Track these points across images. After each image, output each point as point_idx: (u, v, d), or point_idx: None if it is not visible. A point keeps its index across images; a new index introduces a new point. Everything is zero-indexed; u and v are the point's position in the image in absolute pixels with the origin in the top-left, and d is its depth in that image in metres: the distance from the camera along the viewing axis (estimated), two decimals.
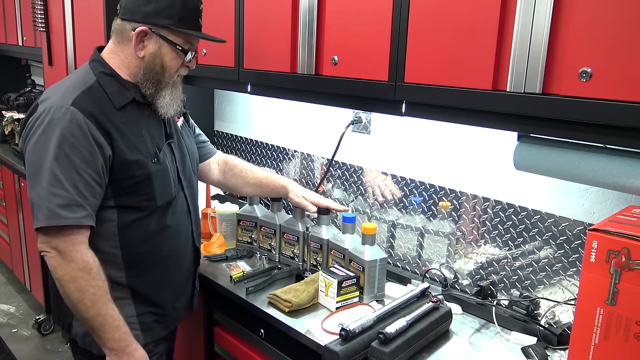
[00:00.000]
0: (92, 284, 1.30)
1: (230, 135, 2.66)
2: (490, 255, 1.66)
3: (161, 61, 1.41)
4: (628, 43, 1.00)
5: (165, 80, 1.43)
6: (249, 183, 1.83)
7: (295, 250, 1.85)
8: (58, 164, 1.26)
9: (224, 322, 1.75)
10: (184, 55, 1.43)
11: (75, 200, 1.27)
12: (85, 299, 1.29)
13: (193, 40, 1.46)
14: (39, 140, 1.29)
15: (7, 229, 3.71)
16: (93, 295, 1.30)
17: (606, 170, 1.20)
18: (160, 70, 1.41)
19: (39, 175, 1.27)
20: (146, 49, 1.40)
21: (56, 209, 1.25)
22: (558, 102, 1.10)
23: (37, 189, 1.27)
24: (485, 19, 1.19)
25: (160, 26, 1.38)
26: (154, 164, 1.42)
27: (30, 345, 3.17)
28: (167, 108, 1.45)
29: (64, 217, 1.26)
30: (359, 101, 1.54)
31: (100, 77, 1.38)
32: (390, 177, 1.92)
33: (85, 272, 1.29)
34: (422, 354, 1.38)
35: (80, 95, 1.32)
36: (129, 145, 1.36)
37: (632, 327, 1.01)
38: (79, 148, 1.28)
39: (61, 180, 1.26)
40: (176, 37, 1.40)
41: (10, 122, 3.60)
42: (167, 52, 1.41)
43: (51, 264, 1.30)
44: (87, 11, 2.47)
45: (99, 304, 1.30)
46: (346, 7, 1.49)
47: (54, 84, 1.43)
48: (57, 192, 1.26)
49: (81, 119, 1.29)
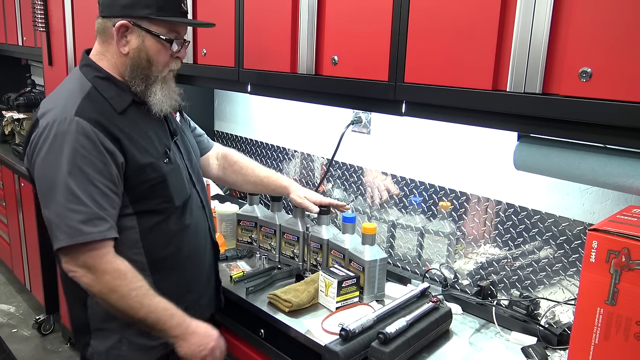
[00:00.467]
0: (132, 287, 1.27)
1: (230, 135, 2.66)
2: (490, 255, 1.66)
3: (146, 55, 1.34)
4: (628, 43, 1.00)
5: (153, 74, 1.37)
6: (249, 181, 1.82)
7: (295, 250, 1.85)
8: (72, 179, 1.22)
9: (224, 322, 1.75)
10: (170, 46, 1.36)
11: (95, 213, 1.23)
12: (131, 303, 1.27)
13: (178, 27, 1.38)
14: (47, 156, 1.24)
15: (7, 229, 3.71)
16: (137, 297, 1.27)
17: (606, 170, 1.20)
18: (147, 65, 1.35)
19: (54, 192, 1.23)
20: (129, 44, 1.34)
21: (78, 225, 1.21)
22: (558, 102, 1.10)
23: (53, 207, 1.23)
24: (485, 19, 1.19)
25: (139, 17, 1.32)
26: (166, 164, 1.38)
27: (30, 345, 3.17)
28: (161, 104, 1.39)
29: (87, 232, 1.22)
30: (359, 101, 1.54)
31: (95, 82, 1.34)
32: (390, 177, 1.92)
33: (122, 279, 1.27)
34: (422, 354, 1.38)
35: (81, 104, 1.27)
36: (139, 148, 1.33)
37: (632, 327, 1.01)
38: (90, 159, 1.24)
39: (78, 195, 1.22)
40: (158, 26, 1.34)
41: (10, 122, 3.59)
42: (151, 45, 1.34)
43: (84, 282, 1.26)
44: (87, 11, 2.47)
45: (146, 303, 1.29)
46: (346, 7, 1.49)
47: (49, 96, 1.38)
48: (76, 208, 1.22)
49: (88, 128, 1.24)
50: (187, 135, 1.58)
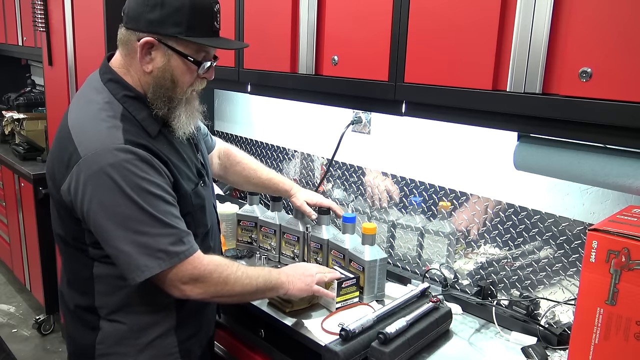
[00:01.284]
0: (235, 269, 1.28)
1: (230, 135, 2.66)
2: (490, 255, 1.66)
3: (171, 75, 1.24)
4: (628, 43, 1.00)
5: (177, 97, 1.27)
6: (250, 182, 1.82)
7: (295, 250, 1.85)
8: (147, 204, 1.15)
9: (224, 322, 1.75)
10: (197, 67, 1.26)
11: (183, 232, 1.20)
12: (244, 281, 1.28)
13: (207, 48, 1.27)
14: (110, 190, 1.14)
15: (7, 229, 3.71)
16: (243, 274, 1.29)
17: (606, 170, 1.20)
18: (171, 86, 1.25)
19: (128, 224, 1.15)
20: (154, 63, 1.23)
21: (169, 247, 1.17)
22: (558, 102, 1.10)
23: (131, 238, 1.15)
24: (485, 19, 1.19)
25: (168, 35, 1.21)
26: (204, 187, 1.34)
27: (30, 345, 3.17)
28: (185, 127, 1.30)
29: (181, 252, 1.19)
30: (359, 101, 1.54)
31: (125, 102, 1.24)
32: (390, 177, 1.93)
33: (225, 268, 1.26)
34: (422, 354, 1.38)
35: (125, 129, 1.18)
36: (182, 175, 1.27)
37: (632, 327, 1.01)
38: (157, 182, 1.18)
39: (160, 219, 1.16)
40: (186, 47, 1.23)
41: (10, 122, 3.59)
42: (177, 65, 1.23)
43: (196, 294, 1.23)
44: (87, 11, 2.47)
45: (250, 274, 1.30)
46: (346, 7, 1.49)
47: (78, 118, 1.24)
48: (163, 232, 1.17)
49: (144, 154, 1.17)
50: (201, 144, 1.49)
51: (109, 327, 1.29)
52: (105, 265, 1.25)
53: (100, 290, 1.29)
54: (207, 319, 1.47)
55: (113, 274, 1.25)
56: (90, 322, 1.31)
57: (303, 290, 1.43)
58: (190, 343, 1.39)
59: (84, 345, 1.32)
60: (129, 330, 1.29)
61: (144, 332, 1.30)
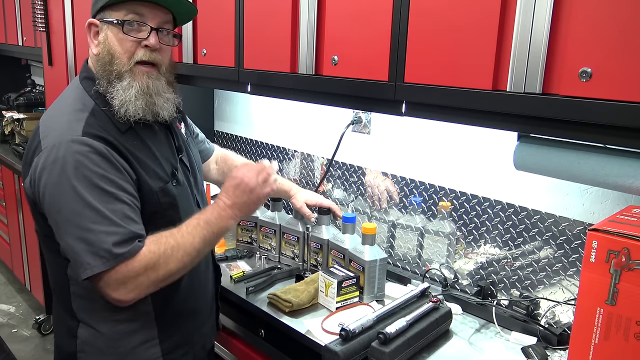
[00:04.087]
0: (172, 241, 1.16)
1: (230, 135, 2.66)
2: (490, 255, 1.66)
3: (109, 48, 1.21)
4: (628, 43, 1.00)
5: (116, 69, 1.21)
6: None
7: (295, 250, 1.85)
8: (96, 200, 1.11)
9: (224, 322, 1.75)
10: (131, 30, 1.21)
11: (130, 232, 1.13)
12: (187, 247, 1.17)
13: (136, 9, 1.21)
14: (59, 181, 1.11)
15: (7, 229, 3.71)
16: (182, 237, 1.17)
17: (606, 170, 1.20)
18: (109, 59, 1.21)
19: (76, 218, 1.11)
20: (98, 43, 1.23)
21: (112, 248, 1.10)
22: (558, 102, 1.10)
23: (78, 234, 1.11)
24: (485, 19, 1.19)
25: (100, 10, 1.21)
26: (175, 186, 1.28)
27: (30, 345, 3.17)
28: (127, 106, 1.21)
29: (123, 253, 1.11)
30: (359, 101, 1.54)
31: (97, 98, 1.23)
32: (390, 177, 1.93)
33: (161, 248, 1.15)
34: (422, 354, 1.38)
35: (87, 122, 1.16)
36: (148, 171, 1.23)
37: (632, 327, 1.01)
38: (110, 178, 1.13)
39: (107, 216, 1.11)
40: (113, 11, 1.21)
41: (10, 122, 3.60)
42: (111, 35, 1.21)
43: (142, 290, 1.15)
44: (87, 11, 2.47)
45: (190, 231, 1.18)
46: (346, 7, 1.49)
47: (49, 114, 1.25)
48: (109, 230, 1.11)
49: (101, 147, 1.14)
50: (192, 149, 1.46)
51: (86, 334, 1.26)
52: None
53: (75, 292, 1.25)
54: (198, 330, 1.41)
55: None
56: (71, 329, 1.28)
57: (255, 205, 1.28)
58: (178, 354, 1.34)
59: (68, 353, 1.28)
60: (107, 338, 1.25)
61: (122, 341, 1.26)
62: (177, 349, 1.35)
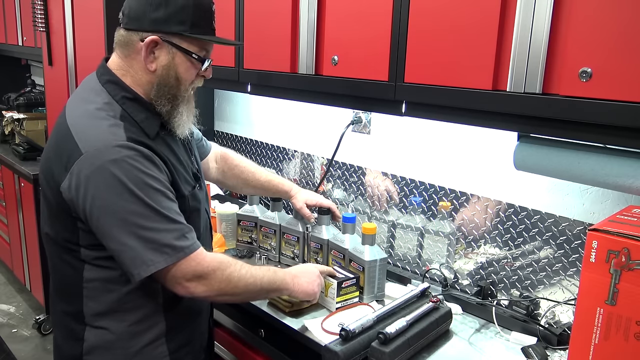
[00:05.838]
0: (239, 267, 1.28)
1: (230, 135, 2.66)
2: (490, 255, 1.66)
3: (175, 73, 1.25)
4: (628, 43, 1.00)
5: (181, 94, 1.28)
6: (249, 185, 1.81)
7: (295, 250, 1.85)
8: (151, 200, 1.16)
9: (224, 322, 1.75)
10: (200, 64, 1.28)
11: (186, 227, 1.21)
12: (248, 280, 1.28)
13: (208, 46, 1.30)
14: (112, 185, 1.13)
15: (7, 229, 3.71)
16: (248, 272, 1.29)
17: (606, 170, 1.20)
18: (175, 84, 1.26)
19: (131, 219, 1.15)
20: (158, 61, 1.24)
21: (174, 242, 1.17)
22: (558, 102, 1.10)
23: (135, 233, 1.15)
24: (485, 19, 1.19)
25: (172, 33, 1.22)
26: (199, 190, 1.34)
27: (30, 345, 3.17)
28: (184, 127, 1.31)
29: (186, 246, 1.19)
30: (359, 101, 1.54)
31: (124, 103, 1.24)
32: (390, 177, 1.93)
33: (228, 266, 1.26)
34: (422, 354, 1.38)
35: (126, 128, 1.19)
36: (180, 177, 1.27)
37: (632, 327, 1.01)
38: (159, 178, 1.18)
39: (165, 214, 1.17)
40: (190, 44, 1.25)
41: (10, 122, 3.60)
42: (181, 62, 1.25)
43: (200, 292, 1.22)
44: (87, 11, 2.47)
45: (255, 273, 1.30)
46: (346, 8, 1.49)
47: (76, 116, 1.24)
48: (167, 227, 1.17)
49: (146, 151, 1.18)
50: (195, 151, 1.49)
51: (93, 337, 1.27)
52: (97, 269, 1.24)
53: (88, 295, 1.26)
54: (198, 329, 1.44)
55: (103, 278, 1.24)
56: (75, 332, 1.28)
57: (308, 293, 1.44)
58: (181, 353, 1.37)
59: (71, 355, 1.29)
60: (117, 339, 1.27)
61: (132, 340, 1.28)
62: (181, 347, 1.37)
